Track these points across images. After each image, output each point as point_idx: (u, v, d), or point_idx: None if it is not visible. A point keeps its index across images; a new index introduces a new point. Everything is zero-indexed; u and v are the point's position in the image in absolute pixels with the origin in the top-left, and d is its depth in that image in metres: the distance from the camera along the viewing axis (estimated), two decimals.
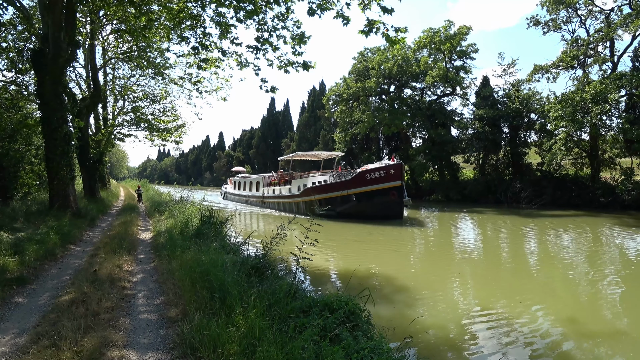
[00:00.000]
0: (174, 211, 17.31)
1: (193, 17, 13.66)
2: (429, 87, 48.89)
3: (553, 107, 32.73)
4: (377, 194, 24.78)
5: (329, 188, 27.48)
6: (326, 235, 16.69)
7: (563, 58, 35.59)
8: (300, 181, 32.01)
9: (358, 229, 23.03)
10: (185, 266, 7.66)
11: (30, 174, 20.12)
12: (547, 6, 35.91)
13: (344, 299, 5.91)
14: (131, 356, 4.82)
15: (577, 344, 7.33)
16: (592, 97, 30.28)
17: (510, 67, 43.18)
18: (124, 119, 30.89)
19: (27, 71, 18.99)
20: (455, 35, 44.39)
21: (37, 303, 6.75)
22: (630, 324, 8.42)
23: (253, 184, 42.47)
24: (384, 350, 4.57)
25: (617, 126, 32.29)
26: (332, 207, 25.72)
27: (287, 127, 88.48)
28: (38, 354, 4.60)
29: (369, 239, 20.24)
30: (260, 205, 38.69)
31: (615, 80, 30.49)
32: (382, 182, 24.63)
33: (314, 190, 28.81)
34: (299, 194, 30.31)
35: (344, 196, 25.91)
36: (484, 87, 44.53)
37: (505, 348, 7.13)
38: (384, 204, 24.81)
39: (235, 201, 45.95)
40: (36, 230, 11.51)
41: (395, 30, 10.42)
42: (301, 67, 12.50)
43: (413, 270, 13.83)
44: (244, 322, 4.91)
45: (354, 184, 25.65)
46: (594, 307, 9.65)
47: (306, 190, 29.55)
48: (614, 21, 32.56)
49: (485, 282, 12.02)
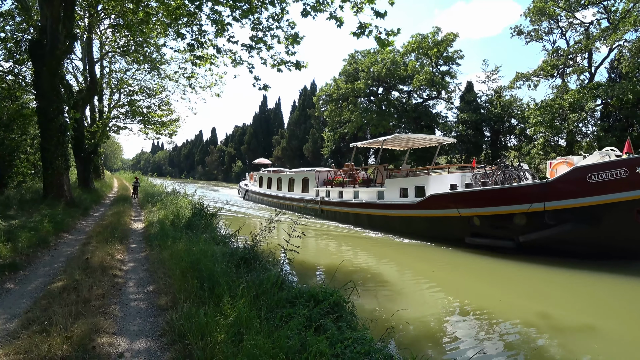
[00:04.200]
0: (166, 203, 17.15)
1: (190, 14, 13.51)
2: (415, 90, 49.16)
3: (533, 113, 33.19)
4: (612, 210, 12.65)
5: (497, 197, 14.53)
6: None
7: (544, 67, 36.02)
8: (406, 182, 19.17)
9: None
10: (175, 256, 7.59)
11: (26, 163, 19.70)
12: (530, 17, 36.25)
13: (329, 291, 5.89)
14: (120, 342, 4.76)
15: (550, 338, 7.43)
16: (570, 105, 30.76)
17: (494, 74, 43.93)
18: (119, 111, 30.39)
19: (24, 62, 18.58)
20: (442, 41, 44.70)
21: (28, 289, 6.63)
22: (599, 319, 8.55)
23: (296, 182, 29.14)
24: (367, 340, 4.57)
25: (592, 133, 32.89)
26: (503, 233, 14.54)
27: (278, 125, 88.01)
28: (28, 339, 4.51)
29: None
30: (315, 213, 25.25)
31: (592, 89, 30.98)
32: (620, 189, 12.50)
33: (456, 199, 15.68)
34: (416, 203, 17.33)
35: (533, 214, 13.66)
36: (468, 92, 45.01)
37: (482, 340, 7.20)
38: (624, 232, 12.76)
39: (264, 203, 32.90)
40: (30, 218, 11.31)
41: (387, 33, 10.43)
42: (294, 67, 12.45)
43: (396, 268, 13.85)
44: (232, 311, 4.87)
45: (557, 191, 13.36)
46: (566, 304, 9.79)
47: (434, 200, 16.55)
48: (593, 34, 33.04)
49: (467, 280, 12.14)
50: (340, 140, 57.24)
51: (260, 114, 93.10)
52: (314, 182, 26.85)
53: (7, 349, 4.33)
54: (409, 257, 15.22)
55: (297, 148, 69.76)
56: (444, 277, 12.25)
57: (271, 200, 31.84)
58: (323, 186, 25.85)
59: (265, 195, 33.48)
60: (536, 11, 35.18)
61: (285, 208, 27.93)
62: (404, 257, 15.20)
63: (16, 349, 4.29)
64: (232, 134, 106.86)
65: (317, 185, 26.40)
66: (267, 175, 34.69)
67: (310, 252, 15.01)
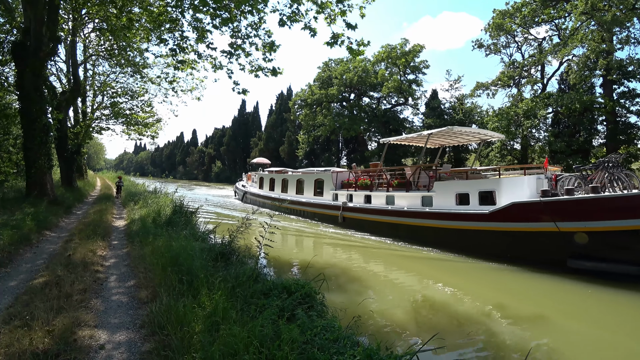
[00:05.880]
0: (147, 201, 16.81)
1: (172, 21, 13.28)
2: (384, 97, 49.93)
3: (491, 120, 34.13)
4: None
5: (620, 207, 10.31)
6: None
7: (501, 77, 37.13)
8: (464, 185, 14.42)
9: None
10: (156, 252, 7.48)
11: (8, 163, 18.90)
12: (490, 32, 37.28)
13: (301, 283, 5.94)
14: (101, 335, 4.68)
15: (504, 326, 7.68)
16: (524, 112, 31.85)
17: (456, 83, 45.19)
18: (102, 113, 29.57)
19: (7, 62, 17.87)
20: (409, 52, 45.54)
21: (10, 285, 6.41)
22: (549, 309, 8.89)
23: (306, 183, 23.84)
24: (336, 328, 4.64)
25: (544, 138, 34.16)
26: (626, 255, 10.40)
27: (256, 127, 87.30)
28: (9, 333, 4.37)
29: None
30: (336, 222, 19.82)
31: (544, 99, 32.15)
32: None
33: (555, 209, 11.37)
34: (489, 214, 12.82)
35: None
36: (433, 99, 45.97)
37: (441, 327, 7.38)
38: None
39: (266, 207, 25.67)
40: (12, 216, 10.89)
41: (358, 44, 10.55)
42: (270, 73, 12.40)
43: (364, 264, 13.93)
44: (209, 303, 4.85)
45: None
46: (520, 295, 10.09)
47: (518, 209, 12.14)
48: (545, 48, 34.26)
49: (428, 276, 12.37)
50: (314, 143, 57.41)
51: (239, 117, 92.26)
52: (330, 184, 21.59)
53: None
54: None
55: (274, 150, 69.53)
56: (404, 273, 12.42)
57: (276, 205, 25.19)
58: (342, 189, 20.78)
59: (267, 198, 27.70)
60: (495, 27, 36.21)
61: (295, 213, 23.67)
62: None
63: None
64: (212, 136, 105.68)
65: (335, 188, 21.20)
66: (268, 175, 29.40)
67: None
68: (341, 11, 10.40)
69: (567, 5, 31.30)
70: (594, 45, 28.57)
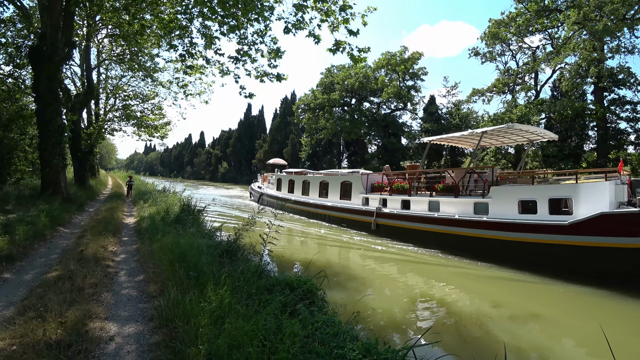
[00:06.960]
0: (157, 199, 16.83)
1: (182, 28, 13.35)
2: (384, 102, 49.94)
3: (486, 125, 34.06)
4: None
5: None
6: None
7: (496, 84, 37.10)
8: (530, 191, 11.95)
9: None
10: (164, 248, 7.49)
11: (24, 161, 18.96)
12: (486, 41, 37.27)
13: (303, 279, 5.94)
14: (112, 327, 4.68)
15: (500, 324, 7.64)
16: (518, 118, 31.76)
17: (453, 89, 45.15)
18: (114, 115, 29.67)
19: (24, 66, 17.95)
20: (408, 59, 45.57)
21: (25, 279, 6.43)
22: (544, 309, 8.84)
23: (331, 186, 21.21)
24: (336, 323, 4.64)
25: (537, 143, 33.97)
26: None
27: (261, 130, 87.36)
28: (24, 324, 4.39)
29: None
30: (368, 229, 17.10)
31: (537, 105, 32.15)
32: None
33: None
34: (568, 225, 10.50)
35: None
36: (431, 105, 45.93)
37: (438, 323, 7.37)
38: None
39: (285, 210, 24.56)
40: (27, 213, 10.94)
41: (359, 50, 10.58)
42: (275, 78, 12.43)
43: (366, 263, 13.89)
44: (215, 298, 4.86)
45: None
46: (516, 295, 10.04)
47: (608, 222, 9.87)
48: (539, 57, 34.22)
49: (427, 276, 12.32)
50: (316, 145, 57.43)
51: (245, 120, 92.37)
52: (359, 187, 19.00)
53: (3, 334, 4.20)
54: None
55: (278, 151, 69.52)
56: (403, 272, 12.35)
57: (297, 208, 23.28)
58: (373, 192, 18.34)
59: (286, 200, 24.87)
60: (491, 36, 36.20)
61: (319, 218, 21.13)
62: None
63: (12, 334, 4.18)
64: (218, 138, 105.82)
65: (366, 192, 18.68)
66: (287, 177, 26.56)
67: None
68: (344, 19, 10.43)
69: (560, 15, 31.30)
70: (586, 54, 28.56)
